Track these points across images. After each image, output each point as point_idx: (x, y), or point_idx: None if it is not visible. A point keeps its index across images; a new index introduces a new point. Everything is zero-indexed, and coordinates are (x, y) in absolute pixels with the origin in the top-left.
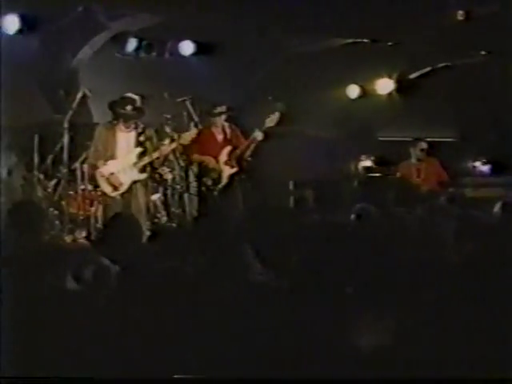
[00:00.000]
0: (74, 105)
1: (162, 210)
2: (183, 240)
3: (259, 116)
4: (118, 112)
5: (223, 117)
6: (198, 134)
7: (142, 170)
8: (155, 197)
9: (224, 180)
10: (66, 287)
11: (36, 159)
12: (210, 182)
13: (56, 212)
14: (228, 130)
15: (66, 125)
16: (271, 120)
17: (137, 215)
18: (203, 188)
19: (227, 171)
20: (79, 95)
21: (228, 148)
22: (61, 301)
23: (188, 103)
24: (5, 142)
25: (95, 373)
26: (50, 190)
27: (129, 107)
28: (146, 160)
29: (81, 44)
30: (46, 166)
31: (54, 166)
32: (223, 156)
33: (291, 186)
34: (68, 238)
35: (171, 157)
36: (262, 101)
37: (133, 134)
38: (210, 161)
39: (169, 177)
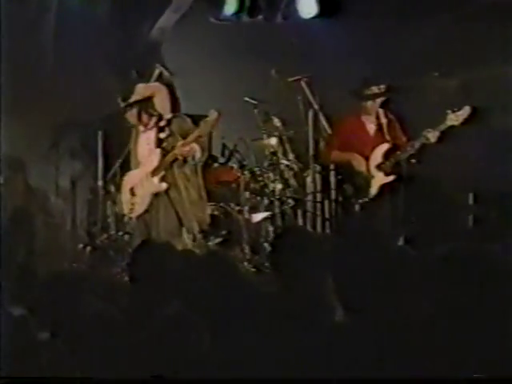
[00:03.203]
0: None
1: (272, 233)
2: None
3: (413, 102)
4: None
5: (378, 101)
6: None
7: (164, 179)
8: (259, 217)
9: (374, 190)
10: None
11: (100, 165)
12: (351, 191)
13: (127, 237)
14: (384, 120)
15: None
16: (456, 117)
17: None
18: (340, 199)
19: (380, 178)
20: (154, 76)
21: (384, 146)
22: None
23: (304, 84)
24: (66, 144)
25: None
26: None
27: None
28: (165, 163)
29: (161, 7)
30: (115, 174)
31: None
32: (377, 156)
33: (470, 201)
34: None
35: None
36: (417, 80)
37: (153, 133)
38: (357, 161)
39: (277, 187)
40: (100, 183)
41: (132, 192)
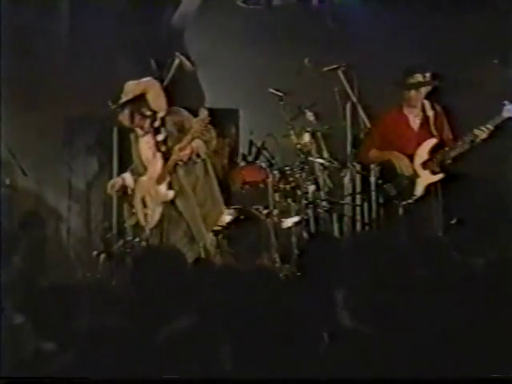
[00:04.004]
0: (166, 82)
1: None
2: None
3: (463, 92)
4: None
5: (423, 91)
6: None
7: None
8: (290, 222)
9: (419, 191)
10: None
11: (116, 164)
12: (394, 192)
13: (145, 243)
14: (430, 113)
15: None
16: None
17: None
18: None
19: (426, 178)
20: (174, 66)
21: (431, 141)
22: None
23: (340, 73)
24: (80, 141)
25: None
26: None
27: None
28: (167, 169)
29: None
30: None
31: None
32: (422, 153)
33: None
34: None
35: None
36: (468, 68)
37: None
38: (399, 159)
39: (310, 188)
40: None
41: (143, 202)
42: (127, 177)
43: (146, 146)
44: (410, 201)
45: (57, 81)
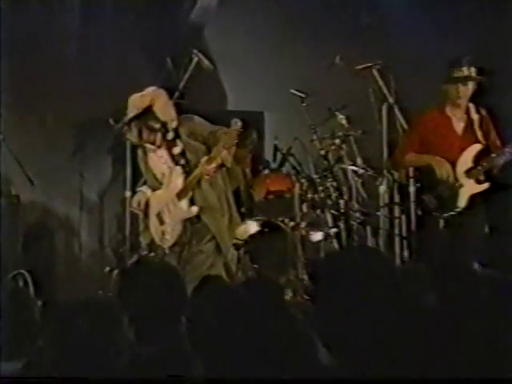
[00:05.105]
0: (182, 83)
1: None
2: None
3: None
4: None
5: (470, 87)
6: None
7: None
8: (319, 235)
9: (463, 202)
10: None
11: (129, 172)
12: (433, 202)
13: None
14: (475, 116)
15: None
16: None
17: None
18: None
19: (471, 187)
20: (192, 65)
21: (476, 147)
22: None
23: (376, 72)
24: (92, 148)
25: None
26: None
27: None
28: (190, 184)
29: None
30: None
31: None
32: (466, 160)
33: None
34: None
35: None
36: None
37: (165, 150)
38: (440, 165)
39: (342, 198)
40: (128, 194)
41: (160, 219)
42: (147, 191)
43: (159, 161)
44: (453, 213)
45: (67, 81)
